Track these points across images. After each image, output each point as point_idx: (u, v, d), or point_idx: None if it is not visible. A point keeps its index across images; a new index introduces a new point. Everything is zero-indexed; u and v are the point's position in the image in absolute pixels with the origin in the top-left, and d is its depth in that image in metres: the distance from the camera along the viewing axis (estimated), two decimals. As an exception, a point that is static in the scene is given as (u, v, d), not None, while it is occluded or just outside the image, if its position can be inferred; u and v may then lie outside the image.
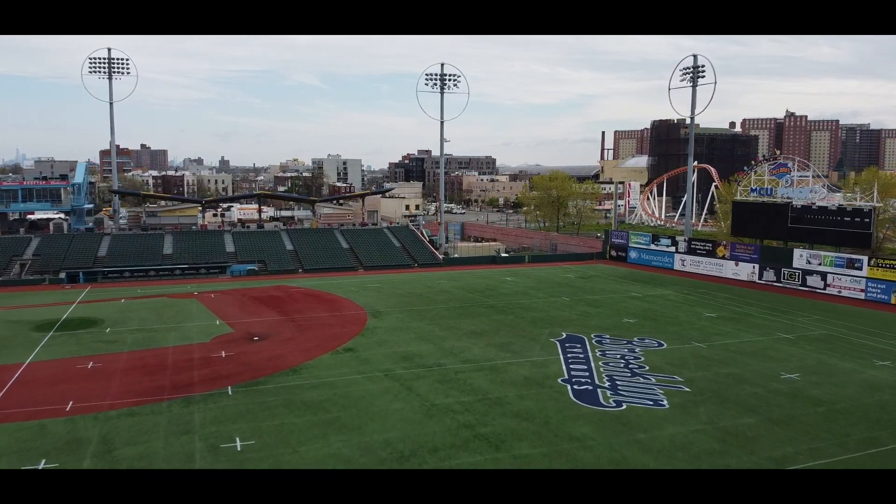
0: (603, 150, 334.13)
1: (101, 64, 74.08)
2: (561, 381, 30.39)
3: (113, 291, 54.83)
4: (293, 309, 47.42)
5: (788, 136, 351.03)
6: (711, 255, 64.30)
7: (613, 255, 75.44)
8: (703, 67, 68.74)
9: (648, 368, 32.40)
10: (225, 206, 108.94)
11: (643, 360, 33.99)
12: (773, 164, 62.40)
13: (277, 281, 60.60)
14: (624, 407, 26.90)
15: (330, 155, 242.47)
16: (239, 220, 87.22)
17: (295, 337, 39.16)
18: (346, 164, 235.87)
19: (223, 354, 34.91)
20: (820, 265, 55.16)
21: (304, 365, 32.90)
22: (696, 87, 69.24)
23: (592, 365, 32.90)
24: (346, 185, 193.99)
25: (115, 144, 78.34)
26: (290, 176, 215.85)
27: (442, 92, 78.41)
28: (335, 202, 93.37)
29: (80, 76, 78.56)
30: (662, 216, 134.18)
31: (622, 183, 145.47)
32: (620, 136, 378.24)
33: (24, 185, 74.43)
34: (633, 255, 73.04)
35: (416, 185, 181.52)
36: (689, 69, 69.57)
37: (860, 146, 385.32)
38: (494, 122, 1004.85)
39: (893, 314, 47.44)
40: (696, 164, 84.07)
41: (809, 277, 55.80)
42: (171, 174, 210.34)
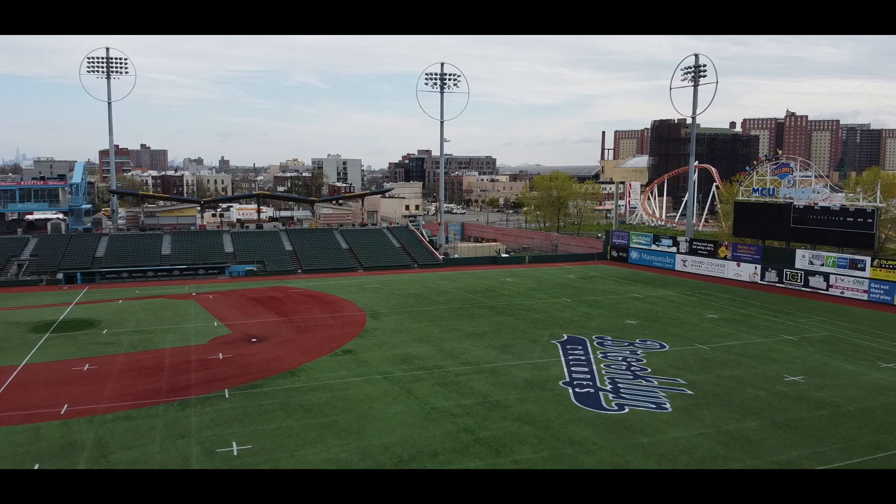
0: (603, 150, 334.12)
1: (99, 63, 73.77)
2: (562, 383, 30.04)
3: (110, 292, 54.50)
4: (292, 310, 47.07)
5: (789, 136, 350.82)
6: (713, 255, 63.95)
7: (614, 255, 75.11)
8: (704, 67, 68.45)
9: (651, 371, 32.05)
10: (224, 206, 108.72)
11: (645, 362, 33.63)
12: (775, 164, 62.03)
13: (276, 282, 60.26)
14: (626, 410, 26.55)
15: (330, 155, 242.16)
16: (238, 220, 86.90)
17: (293, 338, 38.82)
18: (345, 164, 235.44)
19: (220, 356, 34.57)
20: (822, 266, 54.80)
21: (302, 367, 32.56)
22: (697, 86, 68.91)
23: (594, 367, 32.53)
24: (345, 185, 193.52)
25: (113, 144, 78.00)
26: (289, 176, 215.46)
27: (442, 92, 78.09)
28: (335, 202, 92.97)
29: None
30: (663, 216, 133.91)
31: (623, 183, 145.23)
32: (621, 136, 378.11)
33: (21, 185, 74.05)
34: (634, 255, 72.70)
35: (415, 185, 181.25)
36: (690, 69, 69.23)
37: (861, 146, 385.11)
38: (495, 122, 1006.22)
39: (897, 315, 47.15)
40: (696, 164, 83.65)
41: (812, 278, 55.44)
42: (170, 174, 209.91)
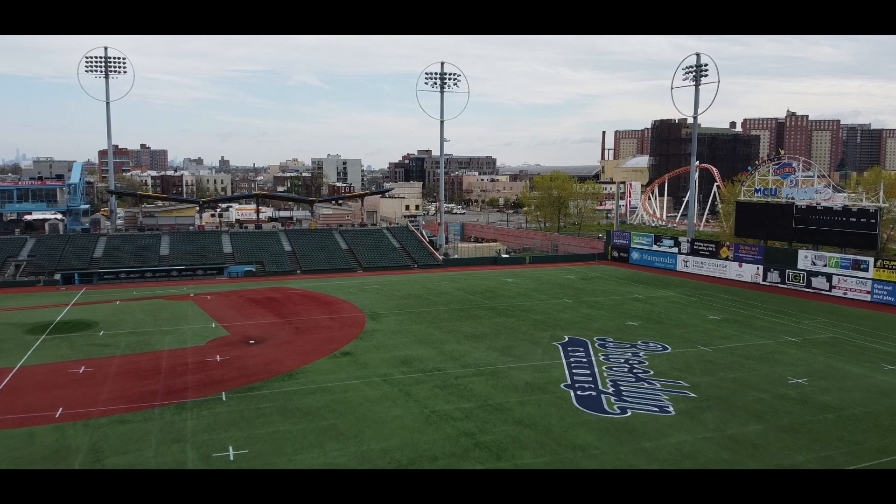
0: (604, 150, 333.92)
1: (97, 63, 73.38)
2: (564, 386, 29.66)
3: (108, 293, 54.11)
4: (290, 311, 46.68)
5: (789, 136, 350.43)
6: (714, 256, 63.56)
7: (615, 255, 74.71)
8: (706, 66, 68.05)
9: (653, 373, 31.67)
10: (223, 206, 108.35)
11: (647, 364, 33.25)
12: (777, 164, 61.64)
13: (275, 282, 59.88)
14: (629, 414, 26.18)
15: (330, 155, 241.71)
16: (237, 220, 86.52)
17: (292, 340, 38.44)
18: (345, 164, 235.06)
19: (218, 358, 34.20)
20: (825, 267, 54.41)
21: (300, 369, 32.18)
22: (699, 86, 68.52)
23: (596, 369, 32.15)
24: (345, 185, 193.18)
25: (111, 144, 77.63)
26: (289, 176, 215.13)
27: (442, 91, 77.70)
28: (334, 202, 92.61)
29: (71, 75, 77.59)
30: (664, 216, 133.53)
31: (623, 183, 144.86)
32: (621, 136, 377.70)
33: (19, 185, 73.58)
34: (635, 255, 72.30)
35: (415, 185, 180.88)
36: (691, 68, 68.83)
37: (861, 146, 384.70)
38: (495, 122, 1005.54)
39: (900, 316, 46.76)
40: (697, 164, 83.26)
41: (814, 279, 55.05)
42: (169, 174, 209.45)
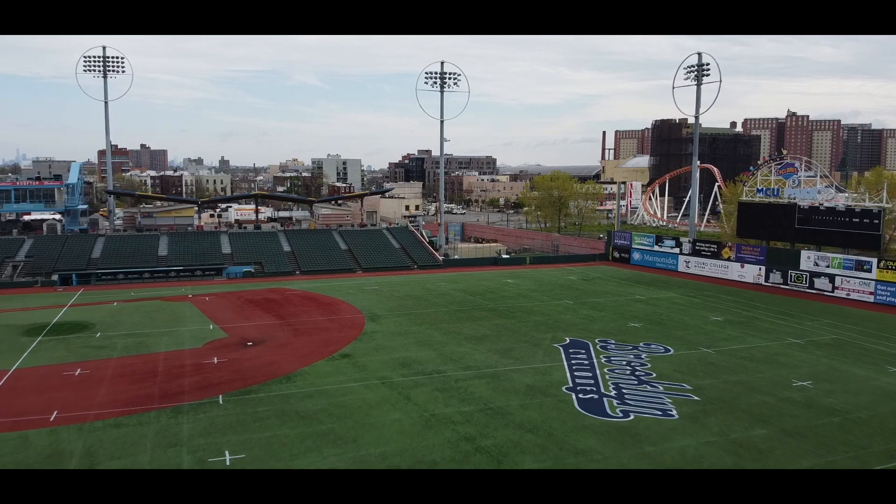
0: (604, 150, 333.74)
1: (95, 63, 73.01)
2: (565, 389, 29.28)
3: (106, 294, 53.73)
4: (289, 312, 46.30)
5: (790, 136, 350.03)
6: (716, 256, 63.18)
7: (616, 256, 74.34)
8: (707, 66, 67.67)
9: (656, 376, 31.28)
10: (222, 206, 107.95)
11: (650, 366, 32.86)
12: (779, 164, 61.23)
13: (274, 283, 59.50)
14: (631, 417, 25.79)
15: (329, 155, 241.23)
16: (236, 220, 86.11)
17: (290, 342, 38.05)
18: (345, 164, 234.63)
19: (215, 361, 33.81)
20: (828, 267, 54.02)
21: (298, 372, 31.80)
22: (700, 85, 68.13)
23: (598, 372, 31.76)
24: (345, 185, 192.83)
25: (110, 144, 77.29)
26: (289, 176, 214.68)
27: (442, 91, 77.34)
28: (334, 203, 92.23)
29: (72, 75, 77.48)
30: (664, 216, 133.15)
31: (624, 183, 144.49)
32: (621, 136, 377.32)
33: (17, 185, 73.13)
34: (636, 256, 71.91)
35: (415, 185, 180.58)
36: (693, 67, 68.45)
37: (862, 146, 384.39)
38: (495, 122, 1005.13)
39: (904, 318, 46.38)
40: (698, 164, 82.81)
41: (817, 280, 54.67)
42: (169, 174, 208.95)
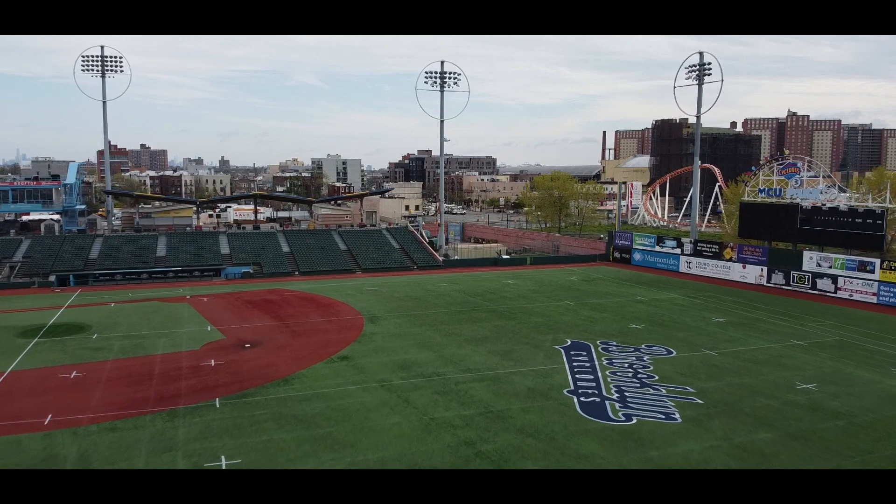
0: (604, 150, 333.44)
1: (93, 62, 72.63)
2: (567, 392, 28.89)
3: (103, 295, 53.32)
4: (287, 314, 45.91)
5: (791, 136, 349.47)
6: (718, 257, 62.77)
7: (617, 256, 73.93)
8: (709, 65, 67.25)
9: (658, 378, 30.89)
10: (221, 206, 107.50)
11: (652, 369, 32.47)
12: (781, 164, 60.84)
13: (272, 284, 59.10)
14: (634, 421, 25.41)
15: (329, 155, 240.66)
16: (235, 220, 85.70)
17: (288, 344, 37.66)
18: (345, 164, 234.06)
19: (212, 363, 33.43)
20: (830, 268, 53.62)
21: (296, 374, 31.41)
22: (702, 84, 67.75)
23: (599, 374, 31.36)
24: (345, 185, 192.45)
25: (108, 144, 76.89)
26: (288, 176, 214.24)
27: (442, 90, 76.97)
28: (333, 203, 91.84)
29: (71, 75, 77.15)
30: (665, 217, 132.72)
31: (624, 183, 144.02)
32: (621, 136, 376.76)
33: (14, 185, 72.70)
34: (637, 256, 71.50)
35: (415, 185, 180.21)
36: (694, 67, 68.07)
37: (862, 146, 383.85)
38: (495, 122, 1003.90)
39: (908, 319, 45.97)
40: (699, 164, 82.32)
41: (819, 280, 54.26)
42: (168, 174, 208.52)
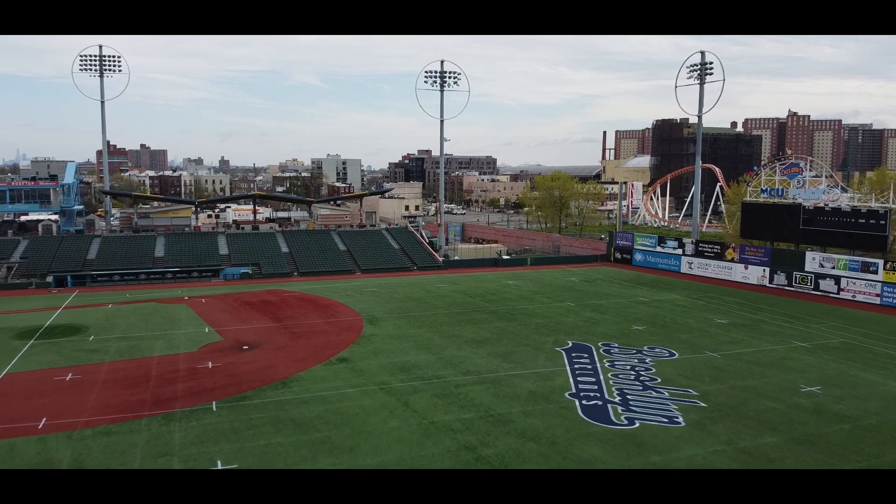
0: (604, 150, 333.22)
1: (91, 62, 72.25)
2: (568, 395, 28.50)
3: (101, 296, 52.94)
4: (286, 315, 45.53)
5: (791, 135, 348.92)
6: (720, 257, 62.39)
7: (618, 257, 73.54)
8: (711, 64, 66.88)
9: (661, 381, 30.50)
10: (220, 206, 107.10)
11: (654, 371, 32.09)
12: (784, 164, 60.44)
13: (271, 285, 58.72)
14: (637, 425, 25.03)
15: (329, 155, 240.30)
16: (234, 221, 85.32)
17: (287, 345, 37.29)
18: (345, 164, 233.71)
19: (210, 365, 33.05)
20: (833, 269, 53.24)
21: (294, 377, 31.02)
22: (703, 84, 67.37)
23: (601, 377, 30.97)
24: (345, 185, 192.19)
25: (106, 144, 76.52)
26: (288, 176, 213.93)
27: (442, 90, 76.60)
28: (332, 203, 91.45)
29: (70, 74, 76.80)
30: (666, 217, 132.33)
31: (625, 183, 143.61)
32: (622, 136, 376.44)
33: (12, 185, 72.31)
34: (638, 257, 71.10)
35: (415, 185, 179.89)
36: (696, 66, 67.69)
37: (862, 146, 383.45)
38: (495, 122, 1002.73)
39: (912, 320, 45.58)
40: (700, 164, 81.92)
41: (822, 281, 53.87)
42: (168, 174, 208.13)
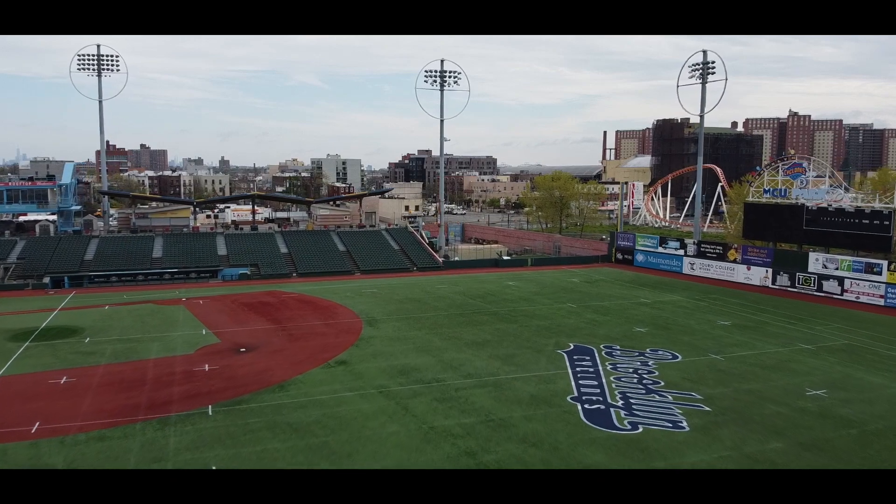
0: (605, 150, 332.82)
1: (89, 61, 71.79)
2: (570, 398, 28.03)
3: (98, 297, 52.47)
4: (285, 316, 45.06)
5: (792, 136, 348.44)
6: (722, 258, 61.91)
7: (619, 257, 73.06)
8: (713, 64, 66.42)
9: (664, 384, 30.03)
10: (220, 207, 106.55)
11: (658, 374, 31.61)
12: (787, 164, 59.97)
13: (270, 286, 58.23)
14: (640, 430, 24.55)
15: (329, 155, 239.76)
16: (233, 221, 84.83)
17: (285, 348, 36.81)
18: (345, 164, 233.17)
19: (206, 368, 32.58)
20: (837, 270, 52.77)
21: (292, 380, 30.55)
22: (705, 83, 66.89)
23: (604, 380, 30.50)
24: (345, 185, 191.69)
25: (104, 144, 75.98)
26: (288, 176, 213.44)
27: (442, 89, 76.14)
28: (332, 203, 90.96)
29: (69, 74, 76.39)
30: (667, 217, 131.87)
31: (626, 183, 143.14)
32: (622, 136, 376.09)
33: (9, 185, 71.87)
34: (639, 258, 70.62)
35: (415, 185, 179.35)
36: (698, 66, 67.23)
37: (863, 146, 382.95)
38: (495, 122, 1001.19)
39: (917, 322, 45.11)
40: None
41: (826, 282, 53.39)
42: (167, 174, 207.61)
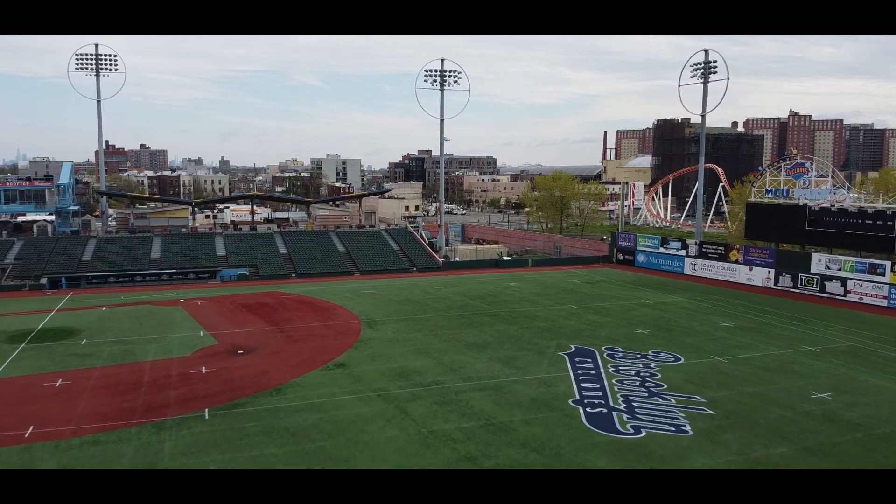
0: (605, 150, 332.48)
1: (88, 61, 71.45)
2: (572, 402, 27.63)
3: (95, 298, 52.09)
4: (283, 318, 44.68)
5: (792, 135, 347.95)
6: (724, 259, 61.52)
7: (620, 258, 72.66)
8: (714, 63, 66.03)
9: (667, 387, 29.63)
10: (219, 207, 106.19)
11: (660, 376, 31.21)
12: (789, 164, 59.59)
13: (269, 287, 57.84)
14: (643, 434, 24.15)
15: (329, 155, 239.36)
16: (231, 221, 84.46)
17: (283, 350, 36.42)
18: (345, 164, 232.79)
19: (203, 370, 32.19)
20: (840, 271, 52.37)
21: (290, 383, 30.16)
22: (707, 83, 66.52)
23: (606, 383, 30.10)
24: (344, 185, 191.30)
25: (102, 143, 75.66)
26: (288, 176, 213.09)
27: (442, 89, 75.80)
28: (331, 203, 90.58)
29: (66, 73, 76.07)
30: (668, 217, 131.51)
31: (627, 183, 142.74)
32: (622, 136, 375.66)
33: (7, 186, 71.48)
34: (641, 258, 70.22)
35: (415, 185, 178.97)
36: (699, 65, 66.85)
37: (864, 146, 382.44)
38: (496, 122, 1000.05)
39: (921, 323, 44.71)
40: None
41: (828, 283, 52.99)
42: (167, 174, 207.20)
